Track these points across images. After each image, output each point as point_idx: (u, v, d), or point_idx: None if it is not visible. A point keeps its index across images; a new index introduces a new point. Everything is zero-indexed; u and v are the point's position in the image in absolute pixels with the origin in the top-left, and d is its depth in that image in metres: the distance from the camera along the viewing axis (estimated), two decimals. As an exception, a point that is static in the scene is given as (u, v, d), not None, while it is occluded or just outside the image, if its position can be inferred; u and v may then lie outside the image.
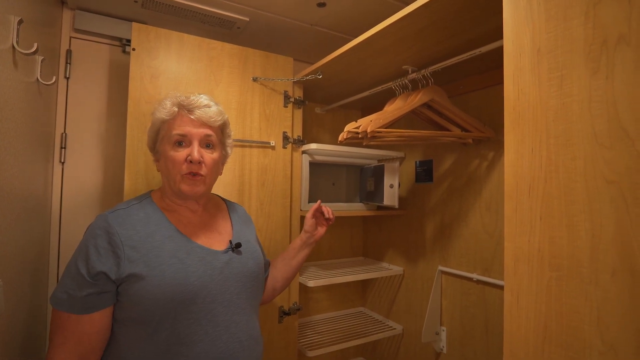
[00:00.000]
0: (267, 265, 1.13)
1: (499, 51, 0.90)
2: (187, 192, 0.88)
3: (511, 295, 0.68)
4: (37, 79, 1.01)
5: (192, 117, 0.89)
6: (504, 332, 0.69)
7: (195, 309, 0.82)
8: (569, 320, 0.60)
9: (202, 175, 0.89)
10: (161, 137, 0.91)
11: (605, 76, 0.57)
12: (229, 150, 1.02)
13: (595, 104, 0.58)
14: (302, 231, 1.18)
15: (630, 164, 0.54)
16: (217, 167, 0.96)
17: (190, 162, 0.87)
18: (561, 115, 0.62)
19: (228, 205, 1.08)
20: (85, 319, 0.77)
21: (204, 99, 0.92)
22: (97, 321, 0.79)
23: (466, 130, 1.32)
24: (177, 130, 0.88)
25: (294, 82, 1.50)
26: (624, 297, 0.54)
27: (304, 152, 1.54)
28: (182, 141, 0.88)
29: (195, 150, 0.88)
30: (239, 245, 0.94)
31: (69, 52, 1.36)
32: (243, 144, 1.37)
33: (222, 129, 0.97)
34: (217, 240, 0.93)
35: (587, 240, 0.58)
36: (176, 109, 0.90)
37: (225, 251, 0.92)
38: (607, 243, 0.56)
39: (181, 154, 0.87)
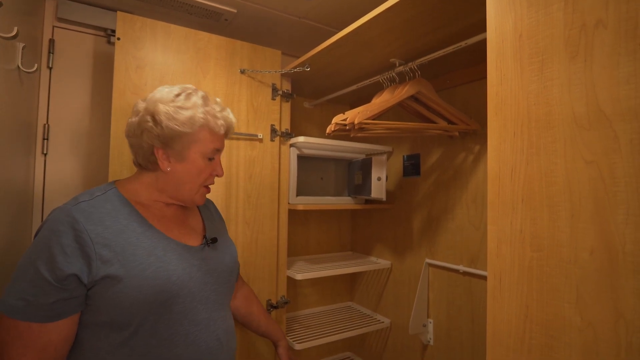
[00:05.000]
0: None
1: (485, 45, 0.91)
2: (198, 203, 0.91)
3: (494, 278, 0.69)
4: (18, 67, 0.99)
5: (223, 134, 0.92)
6: (487, 314, 0.70)
7: (177, 308, 0.78)
8: (550, 298, 0.61)
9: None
10: (192, 141, 0.84)
11: (584, 59, 0.58)
12: None
13: (574, 87, 0.59)
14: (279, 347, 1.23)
15: (608, 144, 0.55)
16: None
17: (215, 176, 0.91)
18: (542, 99, 0.63)
19: None
20: (50, 327, 0.69)
21: (234, 118, 0.96)
22: (65, 328, 0.71)
23: (452, 123, 1.34)
24: (216, 144, 0.89)
25: (282, 74, 1.50)
26: (602, 274, 0.55)
27: (291, 145, 1.53)
28: (214, 156, 0.90)
29: (221, 167, 0.92)
30: (214, 240, 0.92)
31: (51, 42, 1.34)
32: (230, 136, 1.36)
33: None
34: (191, 235, 0.90)
35: (566, 219, 0.59)
36: (223, 127, 0.91)
37: (201, 247, 0.89)
38: (585, 222, 0.57)
39: (209, 166, 0.89)
